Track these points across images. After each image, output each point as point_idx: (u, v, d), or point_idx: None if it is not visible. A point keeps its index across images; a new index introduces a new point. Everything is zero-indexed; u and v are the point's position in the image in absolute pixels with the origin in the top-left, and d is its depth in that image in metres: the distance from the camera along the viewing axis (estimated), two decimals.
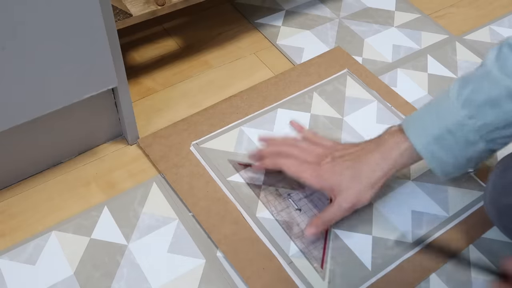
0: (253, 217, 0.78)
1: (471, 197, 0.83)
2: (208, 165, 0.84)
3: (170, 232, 0.77)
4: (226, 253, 0.74)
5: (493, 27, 1.15)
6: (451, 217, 0.80)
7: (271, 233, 0.77)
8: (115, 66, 0.71)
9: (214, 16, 1.13)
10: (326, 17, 1.14)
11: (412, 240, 0.77)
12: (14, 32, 0.59)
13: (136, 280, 0.71)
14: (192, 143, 0.87)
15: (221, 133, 0.89)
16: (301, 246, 0.75)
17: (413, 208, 0.81)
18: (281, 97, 0.95)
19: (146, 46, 1.05)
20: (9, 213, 0.78)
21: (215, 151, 0.86)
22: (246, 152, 0.85)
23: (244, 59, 1.04)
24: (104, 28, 0.66)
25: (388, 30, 1.12)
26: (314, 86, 0.98)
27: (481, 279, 0.74)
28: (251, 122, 0.91)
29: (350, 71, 1.01)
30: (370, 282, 0.73)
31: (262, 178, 0.83)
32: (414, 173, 0.85)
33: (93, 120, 0.83)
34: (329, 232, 0.77)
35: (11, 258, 0.73)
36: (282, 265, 0.73)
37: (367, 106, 0.95)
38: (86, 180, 0.83)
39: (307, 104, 0.95)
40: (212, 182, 0.82)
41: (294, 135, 0.84)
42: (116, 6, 0.80)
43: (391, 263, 0.75)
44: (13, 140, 0.75)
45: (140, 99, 0.95)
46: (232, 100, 0.95)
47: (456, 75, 1.03)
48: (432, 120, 0.66)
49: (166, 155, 0.85)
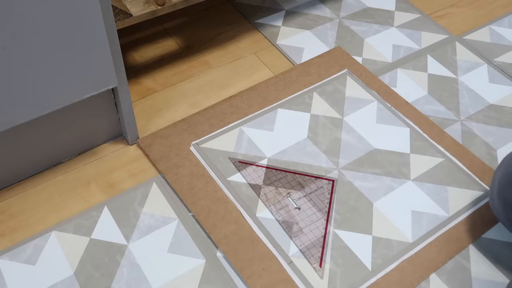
0: (253, 217, 0.78)
1: (471, 197, 0.83)
2: (208, 165, 0.84)
3: (170, 232, 0.77)
4: (226, 253, 0.74)
5: (493, 27, 1.14)
6: (451, 217, 0.80)
7: (271, 233, 0.77)
8: (115, 66, 0.72)
9: (214, 16, 1.13)
10: (326, 17, 1.14)
11: (412, 240, 0.77)
12: (14, 32, 0.59)
13: (136, 280, 0.71)
14: (192, 143, 0.87)
15: (221, 133, 0.89)
16: (300, 246, 0.75)
17: (413, 208, 0.81)
18: (281, 97, 0.95)
19: (146, 46, 1.05)
20: (9, 213, 0.78)
21: (215, 151, 0.86)
22: (245, 152, 0.86)
23: (244, 59, 1.04)
24: (104, 28, 0.66)
25: (388, 30, 1.12)
26: (314, 86, 0.98)
27: (481, 279, 0.74)
28: (251, 122, 0.91)
29: (350, 71, 1.01)
30: (370, 282, 0.73)
31: (262, 177, 0.83)
32: (414, 173, 0.86)
33: (93, 120, 0.83)
34: (328, 232, 0.77)
35: (11, 258, 0.73)
36: (282, 265, 0.73)
37: (367, 106, 0.95)
38: (86, 180, 0.83)
39: (307, 104, 0.95)
40: (212, 182, 0.82)
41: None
42: (116, 6, 0.80)
43: (391, 263, 0.75)
44: (13, 140, 0.75)
45: (140, 99, 0.95)
46: (232, 100, 0.95)
47: (456, 75, 1.03)
48: None
49: (166, 155, 0.85)
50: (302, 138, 0.89)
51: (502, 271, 0.75)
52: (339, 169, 0.85)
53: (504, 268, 0.75)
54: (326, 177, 0.84)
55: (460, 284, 0.73)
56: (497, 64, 1.05)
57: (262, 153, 0.87)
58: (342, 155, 0.87)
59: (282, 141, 0.89)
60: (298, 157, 0.86)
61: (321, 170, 0.85)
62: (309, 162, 0.86)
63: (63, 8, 0.61)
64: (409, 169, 0.86)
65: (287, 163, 0.85)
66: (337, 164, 0.86)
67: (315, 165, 0.86)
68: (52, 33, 0.62)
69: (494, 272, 0.75)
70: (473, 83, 1.01)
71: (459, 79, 1.02)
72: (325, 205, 0.80)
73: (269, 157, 0.86)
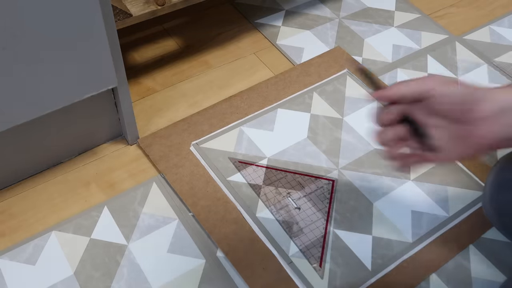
0: (253, 217, 0.78)
1: (471, 197, 0.83)
2: (208, 165, 0.84)
3: (170, 232, 0.77)
4: (226, 253, 0.74)
5: (493, 27, 1.14)
6: (451, 217, 0.80)
7: (271, 233, 0.77)
8: (115, 66, 0.71)
9: (214, 16, 1.12)
10: (326, 17, 1.14)
11: (412, 240, 0.77)
12: (14, 32, 0.59)
13: (136, 280, 0.71)
14: (192, 143, 0.87)
15: (221, 133, 0.89)
16: (300, 246, 0.75)
17: (413, 208, 0.81)
18: (281, 97, 0.95)
19: (146, 46, 1.05)
20: (9, 213, 0.78)
21: (215, 151, 0.86)
22: (245, 152, 0.86)
23: (244, 59, 1.04)
24: (104, 28, 0.66)
25: (388, 30, 1.12)
26: (314, 86, 0.98)
27: (481, 279, 0.74)
28: (251, 122, 0.91)
29: (350, 71, 1.01)
30: (370, 282, 0.73)
31: (262, 177, 0.83)
32: (414, 173, 0.85)
33: (93, 120, 0.83)
34: (328, 232, 0.77)
35: (11, 258, 0.73)
36: (282, 265, 0.73)
37: (367, 106, 0.95)
38: (86, 180, 0.83)
39: (307, 104, 0.95)
40: (212, 182, 0.82)
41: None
42: (116, 6, 0.80)
43: (391, 263, 0.75)
44: (13, 140, 0.75)
45: (140, 99, 0.95)
46: (232, 100, 0.95)
47: (456, 75, 1.03)
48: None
49: (166, 155, 0.85)
50: (302, 138, 0.89)
51: (502, 271, 0.75)
52: (339, 169, 0.85)
53: (504, 268, 0.75)
54: (326, 177, 0.84)
55: (460, 284, 0.73)
56: (497, 64, 1.05)
57: (262, 153, 0.87)
58: (342, 155, 0.87)
59: (282, 141, 0.89)
60: (298, 157, 0.86)
61: (321, 170, 0.85)
62: (309, 162, 0.86)
63: (63, 8, 0.60)
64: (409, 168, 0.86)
65: (287, 163, 0.85)
66: (337, 164, 0.86)
67: (315, 165, 0.86)
68: (52, 33, 0.62)
69: (494, 272, 0.75)
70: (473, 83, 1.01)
71: (459, 79, 1.02)
72: (325, 205, 0.80)
73: (269, 157, 0.86)
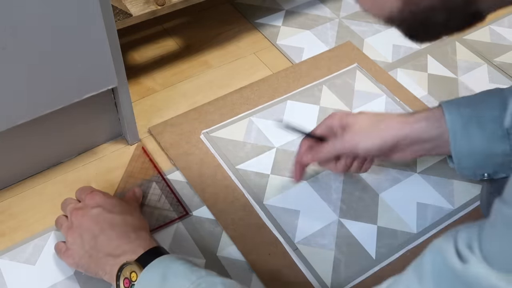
0: (260, 204, 0.79)
1: (477, 191, 0.83)
2: (217, 153, 0.85)
3: (170, 231, 0.77)
4: (232, 238, 0.75)
5: (493, 27, 1.14)
6: (456, 210, 0.81)
7: (277, 220, 0.77)
8: (115, 66, 0.71)
9: (214, 16, 1.12)
10: (326, 17, 1.14)
11: (417, 231, 0.78)
12: (14, 32, 0.59)
13: None
14: (202, 132, 0.88)
15: (231, 122, 0.90)
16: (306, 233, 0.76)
17: (419, 200, 0.82)
18: (290, 90, 0.97)
19: (146, 46, 1.05)
20: (9, 213, 0.78)
21: (224, 140, 0.87)
22: (254, 142, 0.87)
23: (244, 59, 1.04)
24: (104, 28, 0.66)
25: (388, 30, 1.12)
26: (324, 79, 0.99)
27: None
28: (261, 113, 0.92)
29: (359, 65, 1.01)
30: (374, 270, 0.73)
31: (270, 166, 0.84)
32: (420, 166, 0.86)
33: (93, 120, 0.83)
34: (333, 221, 0.77)
35: (11, 258, 0.73)
36: (288, 251, 0.74)
37: (375, 100, 0.96)
38: (86, 180, 0.82)
39: (316, 96, 0.95)
40: (221, 169, 0.83)
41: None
42: (116, 6, 0.80)
43: (395, 253, 0.75)
44: (13, 140, 0.75)
45: (140, 99, 0.95)
46: (242, 91, 0.96)
47: (456, 75, 1.03)
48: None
49: (176, 142, 0.86)
50: (310, 129, 0.89)
51: None
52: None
53: None
54: None
55: None
56: (497, 64, 1.05)
57: (271, 143, 0.88)
58: None
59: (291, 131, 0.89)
60: None
61: None
62: None
63: (63, 8, 0.60)
64: (415, 161, 0.86)
65: (295, 154, 0.86)
66: None
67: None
68: (51, 33, 0.62)
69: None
70: (473, 83, 1.01)
71: (459, 79, 1.02)
72: (331, 195, 0.81)
73: (278, 147, 0.87)
